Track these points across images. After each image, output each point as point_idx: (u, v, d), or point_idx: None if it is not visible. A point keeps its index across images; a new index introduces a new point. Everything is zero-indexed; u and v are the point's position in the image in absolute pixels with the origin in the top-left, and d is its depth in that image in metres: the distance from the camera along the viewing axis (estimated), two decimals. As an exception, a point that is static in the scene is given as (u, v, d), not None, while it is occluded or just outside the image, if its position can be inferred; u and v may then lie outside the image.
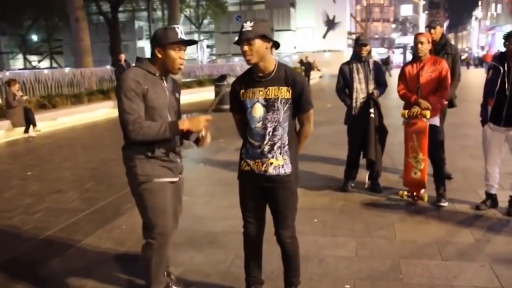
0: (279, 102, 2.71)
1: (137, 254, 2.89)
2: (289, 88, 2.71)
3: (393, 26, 76.98)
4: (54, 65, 43.23)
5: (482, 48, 65.29)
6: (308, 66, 24.62)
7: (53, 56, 45.49)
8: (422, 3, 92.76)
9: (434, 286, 3.25)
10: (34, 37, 46.07)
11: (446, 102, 5.35)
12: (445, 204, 4.86)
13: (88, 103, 14.25)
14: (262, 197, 2.88)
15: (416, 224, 4.45)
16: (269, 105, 2.72)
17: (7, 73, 15.42)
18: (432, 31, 5.56)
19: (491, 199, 4.76)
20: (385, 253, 3.80)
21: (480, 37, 71.09)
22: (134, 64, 2.90)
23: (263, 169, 2.77)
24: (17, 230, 4.62)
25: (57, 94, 14.25)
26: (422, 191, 4.97)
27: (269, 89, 2.72)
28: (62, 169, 7.36)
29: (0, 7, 31.90)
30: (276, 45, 2.74)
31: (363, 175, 5.64)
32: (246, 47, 2.63)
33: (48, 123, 11.92)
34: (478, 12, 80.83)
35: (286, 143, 2.77)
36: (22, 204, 5.47)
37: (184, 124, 2.73)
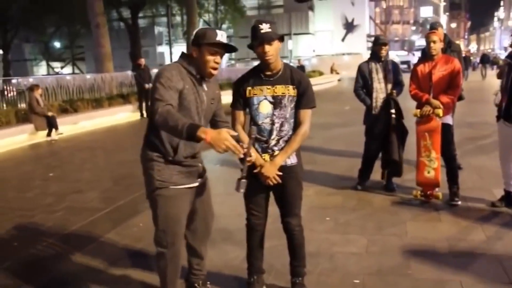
0: (286, 99, 2.86)
1: (153, 251, 2.97)
2: (295, 87, 2.87)
3: (413, 28, 76.17)
4: (76, 71, 44.01)
5: (505, 49, 64.05)
6: (301, 70, 24.62)
7: (75, 63, 46.34)
8: (442, 4, 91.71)
9: (443, 281, 3.28)
10: (57, 44, 46.91)
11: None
12: (459, 202, 4.85)
13: (109, 107, 14.57)
14: (267, 189, 3.01)
15: (428, 222, 4.47)
16: (276, 102, 2.86)
17: (31, 79, 15.80)
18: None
19: (508, 197, 4.69)
20: (395, 249, 3.84)
21: (502, 38, 69.94)
22: (176, 61, 2.73)
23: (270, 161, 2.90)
24: (38, 227, 4.79)
25: (79, 99, 14.59)
26: (436, 189, 4.98)
27: (276, 87, 2.86)
28: (82, 170, 7.56)
29: (23, 14, 32.64)
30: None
31: (376, 174, 5.66)
32: (267, 48, 2.73)
33: (70, 126, 12.22)
34: (500, 13, 79.52)
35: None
36: (43, 204, 5.65)
37: (206, 134, 2.28)
